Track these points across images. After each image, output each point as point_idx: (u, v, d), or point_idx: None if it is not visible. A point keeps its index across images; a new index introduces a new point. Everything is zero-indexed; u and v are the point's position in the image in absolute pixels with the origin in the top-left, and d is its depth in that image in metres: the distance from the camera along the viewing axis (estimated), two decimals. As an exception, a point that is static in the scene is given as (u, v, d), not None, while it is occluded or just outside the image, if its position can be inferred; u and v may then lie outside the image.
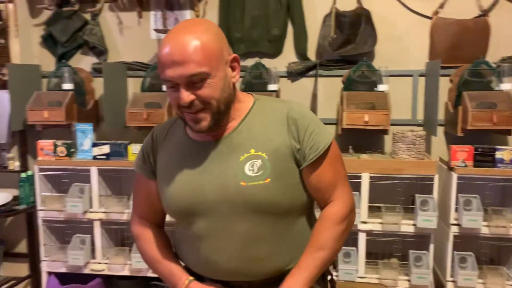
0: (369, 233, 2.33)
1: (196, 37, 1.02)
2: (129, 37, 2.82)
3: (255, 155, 1.10)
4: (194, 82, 1.03)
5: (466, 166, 2.24)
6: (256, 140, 1.11)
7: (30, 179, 2.69)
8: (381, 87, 2.38)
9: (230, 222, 1.10)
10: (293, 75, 2.65)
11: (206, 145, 1.14)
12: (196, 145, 1.15)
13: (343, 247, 2.35)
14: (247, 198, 1.08)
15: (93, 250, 2.59)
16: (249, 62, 2.70)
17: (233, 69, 1.11)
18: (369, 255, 2.40)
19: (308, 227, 1.20)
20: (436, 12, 2.50)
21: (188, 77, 1.02)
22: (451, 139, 2.52)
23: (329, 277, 1.27)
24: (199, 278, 1.19)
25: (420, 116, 2.58)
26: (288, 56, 2.68)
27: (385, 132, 2.38)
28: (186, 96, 1.03)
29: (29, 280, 2.94)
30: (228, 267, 1.12)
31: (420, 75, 2.56)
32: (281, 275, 1.15)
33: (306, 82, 2.67)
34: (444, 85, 2.49)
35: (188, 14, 2.73)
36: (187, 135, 1.18)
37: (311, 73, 2.64)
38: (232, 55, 1.10)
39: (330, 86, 2.62)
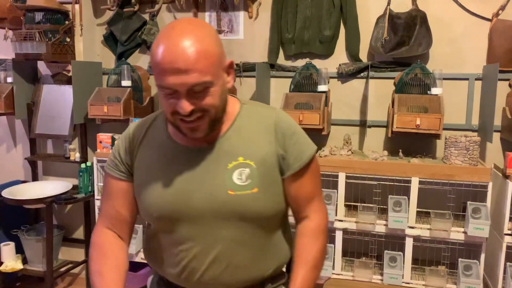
0: (416, 238, 2.29)
1: (199, 43, 0.96)
2: (184, 36, 2.91)
3: (243, 163, 1.08)
4: (196, 91, 0.98)
5: (523, 174, 2.15)
6: (245, 147, 1.10)
7: (89, 170, 2.86)
8: (434, 91, 2.33)
9: (213, 230, 1.08)
10: (344, 76, 2.65)
11: (193, 150, 1.10)
12: (182, 149, 1.11)
13: (389, 251, 2.34)
14: (234, 207, 1.07)
15: (144, 240, 2.71)
16: (300, 62, 2.72)
17: (228, 73, 1.07)
18: (416, 261, 2.36)
19: (283, 234, 1.20)
20: (496, 14, 2.41)
21: (191, 86, 0.97)
22: (508, 146, 2.42)
23: None
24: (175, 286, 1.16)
25: (475, 121, 2.50)
26: (339, 57, 2.67)
27: (437, 136, 2.33)
28: (187, 106, 0.98)
29: (84, 264, 3.12)
30: (208, 276, 1.10)
31: (477, 79, 2.48)
32: (258, 284, 1.16)
33: (356, 84, 2.66)
34: (503, 89, 2.40)
35: (241, 15, 2.79)
36: (171, 137, 1.13)
37: (362, 74, 2.63)
38: (228, 61, 1.06)
39: (381, 89, 2.59)
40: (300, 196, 1.16)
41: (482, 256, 2.21)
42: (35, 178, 3.16)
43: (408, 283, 2.31)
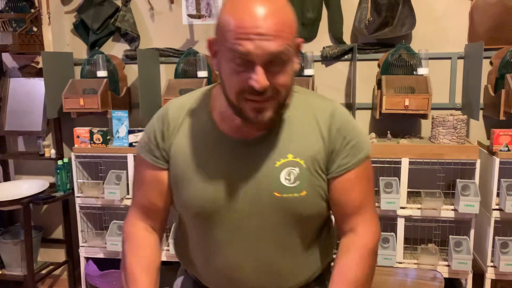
0: (408, 218, 2.31)
1: (283, 10, 0.87)
2: (161, 23, 2.79)
3: (292, 162, 0.98)
4: (275, 63, 0.87)
5: (509, 150, 2.20)
6: (295, 143, 0.99)
7: (67, 167, 2.72)
8: (421, 71, 2.34)
9: (255, 234, 1.00)
10: (328, 59, 2.61)
11: (240, 142, 1.00)
12: (227, 139, 1.00)
13: (382, 233, 2.35)
14: (280, 210, 0.98)
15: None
16: (282, 46, 2.66)
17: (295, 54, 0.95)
18: (408, 240, 2.39)
19: (327, 233, 1.12)
20: (476, -8, 2.43)
21: (274, 54, 0.85)
22: (490, 123, 2.47)
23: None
24: None
25: (458, 99, 2.54)
26: (322, 40, 2.63)
27: (424, 116, 2.34)
28: (264, 79, 0.86)
29: (66, 265, 3.00)
30: (248, 282, 1.03)
31: (459, 58, 2.50)
32: (304, 286, 1.08)
33: (340, 66, 2.63)
34: (484, 67, 2.42)
35: (220, -2, 2.70)
36: (215, 125, 1.02)
37: (346, 57, 2.60)
38: (300, 39, 0.94)
39: (366, 70, 2.58)
40: (346, 203, 1.02)
41: (472, 231, 2.26)
42: (6, 178, 2.98)
43: (401, 263, 2.34)
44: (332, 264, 1.13)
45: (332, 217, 1.11)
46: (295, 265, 1.04)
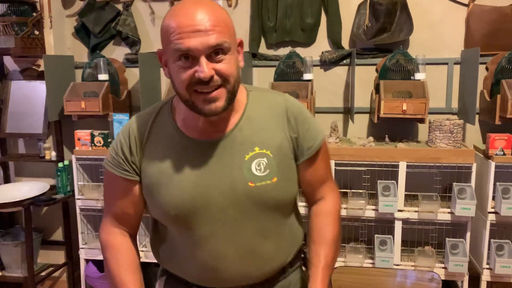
0: (405, 221, 2.35)
1: (216, 10, 0.98)
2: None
3: (260, 153, 1.06)
4: (216, 54, 0.96)
5: (504, 154, 2.24)
6: (259, 136, 1.07)
7: (67, 169, 2.74)
8: (418, 76, 2.38)
9: (236, 224, 1.06)
10: (327, 64, 2.65)
11: (206, 144, 1.06)
12: (194, 143, 1.07)
13: (379, 235, 2.39)
14: (256, 199, 1.05)
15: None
16: (282, 51, 2.70)
17: (238, 52, 1.06)
18: (405, 243, 2.42)
19: (296, 218, 1.21)
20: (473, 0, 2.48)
21: (213, 46, 0.95)
22: (486, 128, 2.51)
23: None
24: (192, 285, 1.14)
25: (455, 104, 2.58)
26: (321, 45, 2.67)
27: (422, 120, 2.38)
28: (208, 69, 0.95)
29: (65, 267, 3.01)
30: (235, 272, 1.08)
31: (455, 63, 2.55)
32: (281, 271, 1.16)
33: (339, 71, 2.67)
34: (480, 73, 2.47)
35: (220, 3, 2.73)
36: (180, 131, 1.08)
37: (344, 62, 2.64)
38: (239, 39, 1.06)
39: (364, 75, 2.62)
40: (315, 179, 1.17)
41: (468, 234, 2.30)
42: (7, 180, 3.00)
43: (398, 265, 2.37)
44: (304, 250, 1.25)
45: (299, 203, 1.23)
46: (275, 247, 1.12)
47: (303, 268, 1.25)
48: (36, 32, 2.75)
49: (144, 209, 1.17)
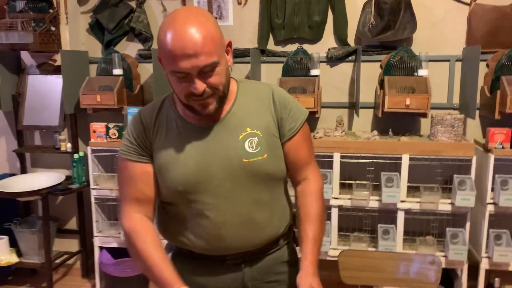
0: (407, 211, 2.45)
1: (203, 29, 1.08)
2: (173, 24, 2.91)
3: (251, 133, 1.22)
4: (205, 71, 1.10)
5: (503, 148, 2.34)
6: (250, 119, 1.24)
7: (82, 160, 2.85)
8: (421, 72, 2.47)
9: (234, 195, 1.21)
10: (333, 60, 2.75)
11: (205, 128, 1.23)
12: (195, 128, 1.23)
13: (383, 225, 2.49)
14: (249, 172, 1.21)
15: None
16: (289, 47, 2.80)
17: (227, 53, 1.19)
18: (407, 232, 2.52)
19: (286, 197, 1.35)
20: (474, -1, 2.57)
21: (201, 68, 1.09)
22: (486, 122, 2.61)
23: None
24: (198, 256, 1.27)
25: (456, 100, 2.67)
26: (327, 42, 2.77)
27: (424, 115, 2.48)
28: (200, 85, 1.11)
29: (79, 254, 3.13)
30: (236, 238, 1.23)
31: (457, 60, 2.64)
32: (275, 241, 1.31)
33: (345, 67, 2.76)
34: (481, 69, 2.56)
35: (230, 1, 2.82)
36: (182, 118, 1.24)
37: (350, 58, 2.74)
38: (227, 40, 1.19)
39: (369, 71, 2.71)
40: (298, 159, 1.30)
41: (467, 224, 2.40)
42: (23, 170, 3.11)
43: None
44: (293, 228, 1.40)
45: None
46: (268, 217, 1.27)
47: (294, 245, 1.40)
48: (53, 28, 2.85)
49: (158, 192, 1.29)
